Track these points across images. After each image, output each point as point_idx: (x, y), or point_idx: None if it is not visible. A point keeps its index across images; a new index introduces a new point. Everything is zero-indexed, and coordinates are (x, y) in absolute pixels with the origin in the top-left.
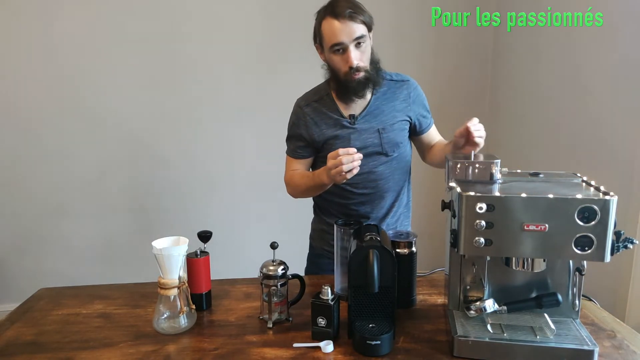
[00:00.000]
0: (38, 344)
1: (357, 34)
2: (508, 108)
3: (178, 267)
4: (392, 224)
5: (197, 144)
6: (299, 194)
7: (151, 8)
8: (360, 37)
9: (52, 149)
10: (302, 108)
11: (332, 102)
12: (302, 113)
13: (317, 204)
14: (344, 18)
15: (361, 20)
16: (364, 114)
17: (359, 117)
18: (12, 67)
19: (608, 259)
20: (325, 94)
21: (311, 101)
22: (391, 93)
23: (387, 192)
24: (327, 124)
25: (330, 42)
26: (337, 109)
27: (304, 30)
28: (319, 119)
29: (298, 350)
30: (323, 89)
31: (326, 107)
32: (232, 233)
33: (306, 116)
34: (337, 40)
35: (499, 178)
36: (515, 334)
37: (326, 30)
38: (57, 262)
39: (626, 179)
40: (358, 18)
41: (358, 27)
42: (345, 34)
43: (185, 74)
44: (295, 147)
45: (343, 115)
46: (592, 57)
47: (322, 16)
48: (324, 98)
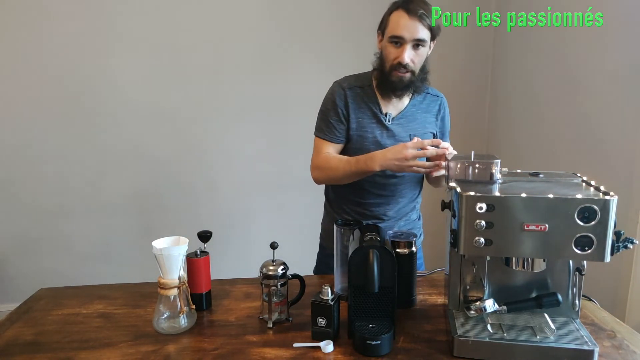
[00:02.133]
0: (38, 344)
1: (419, 35)
2: (508, 108)
3: (178, 267)
4: (404, 227)
5: (197, 144)
6: (331, 179)
7: (151, 8)
8: (421, 40)
9: (52, 149)
10: (344, 89)
11: (373, 93)
12: (343, 94)
13: (331, 202)
14: (415, 16)
15: (428, 25)
16: (399, 117)
17: (394, 119)
18: (11, 67)
19: (608, 259)
20: (367, 83)
21: (354, 85)
22: (426, 105)
23: (402, 198)
24: (365, 114)
25: (392, 32)
26: (377, 102)
27: (306, 30)
28: (357, 106)
29: (298, 350)
30: (366, 78)
31: (367, 96)
32: (232, 233)
33: (347, 98)
34: (398, 33)
35: (499, 178)
36: (515, 334)
37: (393, 20)
38: (57, 262)
39: (626, 179)
40: (426, 22)
41: (423, 30)
42: (409, 31)
43: (186, 74)
44: (330, 127)
45: (382, 110)
46: (592, 57)
47: (395, 7)
48: (366, 87)
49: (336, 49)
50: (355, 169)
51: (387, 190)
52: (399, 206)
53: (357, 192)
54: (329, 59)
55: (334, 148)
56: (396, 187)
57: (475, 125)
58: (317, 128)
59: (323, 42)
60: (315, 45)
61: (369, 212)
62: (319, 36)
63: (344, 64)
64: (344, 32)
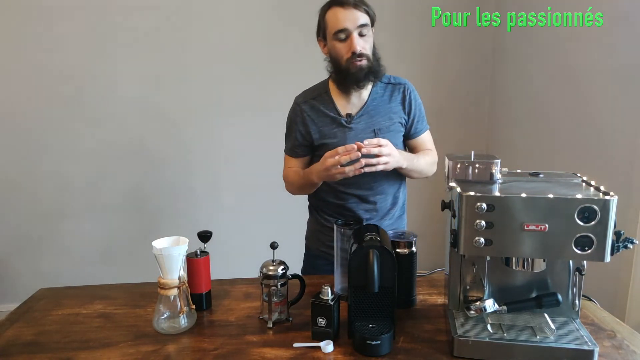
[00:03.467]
0: (38, 344)
1: (361, 21)
2: (508, 108)
3: (178, 267)
4: (389, 225)
5: (197, 144)
6: (294, 190)
7: (151, 8)
8: (364, 26)
9: (53, 149)
10: (299, 105)
11: (329, 99)
12: (299, 110)
13: (313, 204)
14: (349, 5)
15: (365, 10)
16: (360, 114)
17: (355, 117)
18: (10, 67)
19: (608, 259)
20: (323, 91)
21: (309, 98)
22: (388, 95)
23: (381, 194)
24: (324, 122)
25: (334, 29)
26: (334, 107)
27: (303, 30)
28: (316, 116)
29: (298, 350)
30: (321, 87)
31: (324, 104)
32: (232, 233)
33: (303, 113)
34: (341, 27)
35: (499, 178)
36: (515, 334)
37: (330, 19)
38: (57, 262)
39: (626, 179)
40: (362, 7)
41: (362, 15)
42: (350, 21)
43: (186, 74)
44: (292, 144)
45: (340, 113)
46: (592, 57)
47: (327, 7)
48: (322, 95)
49: None
50: (304, 181)
51: (361, 189)
52: (379, 204)
53: (332, 193)
54: None
55: (299, 162)
56: (370, 185)
57: (475, 125)
58: (285, 144)
59: None
60: (316, 45)
61: (348, 213)
62: None
63: None
64: None
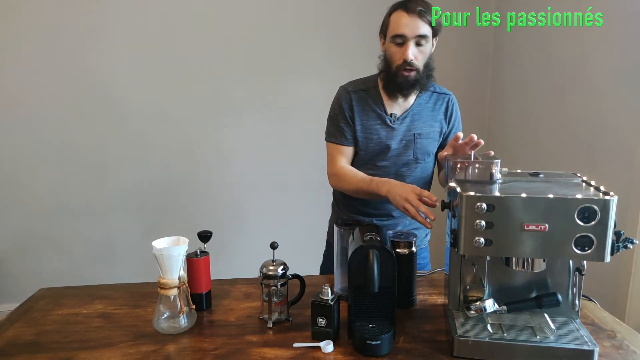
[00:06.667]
0: (38, 344)
1: (420, 31)
2: (508, 108)
3: (178, 267)
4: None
5: (197, 144)
6: (345, 190)
7: (154, 7)
8: (423, 37)
9: (53, 148)
10: (349, 93)
11: (378, 95)
12: (348, 97)
13: (338, 200)
14: (414, 13)
15: (428, 21)
16: (404, 116)
17: (399, 118)
18: (13, 65)
19: (608, 259)
20: (372, 86)
21: (358, 89)
22: (432, 103)
23: None
24: (370, 116)
25: (393, 32)
26: (381, 104)
27: (305, 31)
28: (362, 108)
29: (298, 350)
30: (371, 81)
31: (372, 99)
32: (232, 233)
33: (352, 101)
34: (400, 32)
35: (499, 178)
36: (515, 334)
37: (393, 21)
38: (57, 262)
39: (626, 179)
40: (426, 17)
41: (423, 26)
42: (409, 28)
43: (188, 74)
44: (340, 131)
45: (386, 111)
46: (592, 57)
47: (394, 8)
48: (371, 90)
49: (337, 50)
50: (367, 188)
51: None
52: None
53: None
54: (330, 60)
55: (346, 151)
56: None
57: (475, 125)
58: (328, 133)
59: (324, 43)
60: (316, 46)
61: (375, 211)
62: (320, 37)
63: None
64: (345, 33)
